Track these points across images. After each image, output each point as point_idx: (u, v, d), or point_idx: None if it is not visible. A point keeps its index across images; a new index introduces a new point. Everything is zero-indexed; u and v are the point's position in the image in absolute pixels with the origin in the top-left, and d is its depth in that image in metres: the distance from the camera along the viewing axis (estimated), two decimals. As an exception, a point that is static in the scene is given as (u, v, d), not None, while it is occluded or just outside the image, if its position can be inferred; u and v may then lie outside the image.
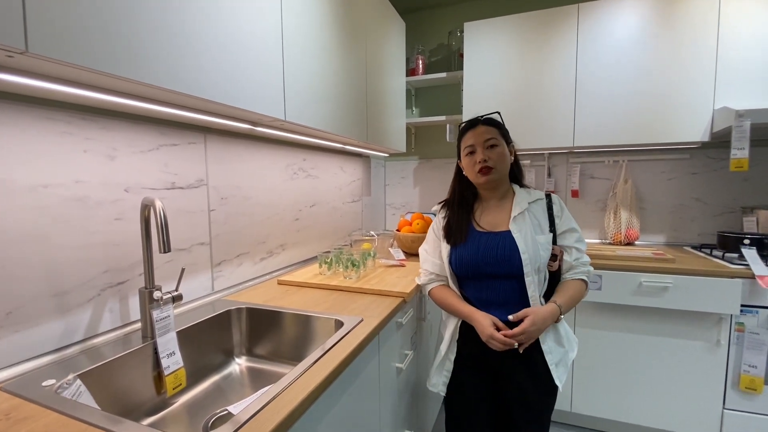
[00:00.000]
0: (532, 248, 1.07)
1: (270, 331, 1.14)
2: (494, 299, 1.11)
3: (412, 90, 2.67)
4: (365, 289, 1.30)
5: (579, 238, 1.15)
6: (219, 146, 1.27)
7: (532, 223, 1.12)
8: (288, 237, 1.66)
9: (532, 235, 1.09)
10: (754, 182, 2.05)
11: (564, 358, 1.15)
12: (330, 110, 1.42)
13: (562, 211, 1.16)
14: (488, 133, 1.13)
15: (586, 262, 1.15)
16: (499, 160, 1.12)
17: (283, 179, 1.61)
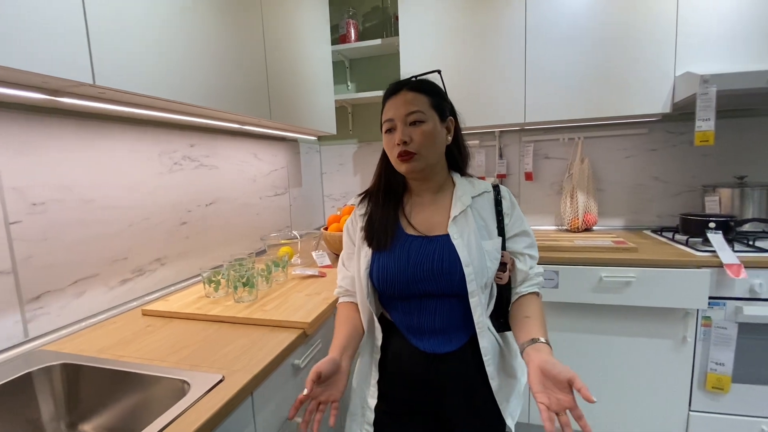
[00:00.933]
0: (477, 258, 0.79)
1: (97, 398, 0.78)
2: (429, 325, 0.82)
3: (346, 61, 2.30)
4: (254, 320, 0.97)
5: (532, 243, 0.89)
6: (15, 130, 0.87)
7: (477, 224, 0.83)
8: (170, 248, 1.28)
9: (477, 240, 0.81)
10: (715, 158, 1.88)
11: (516, 388, 0.88)
12: (200, 80, 1.04)
13: (513, 209, 0.88)
14: (412, 104, 0.81)
15: (540, 273, 0.89)
16: (425, 143, 0.80)
17: (156, 172, 1.22)
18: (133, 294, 1.15)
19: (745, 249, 1.45)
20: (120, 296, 1.11)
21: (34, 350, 0.87)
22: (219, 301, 1.10)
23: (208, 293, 1.14)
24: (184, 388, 0.70)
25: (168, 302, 1.11)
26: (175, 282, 1.30)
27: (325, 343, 1.13)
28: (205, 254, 1.43)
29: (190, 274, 1.37)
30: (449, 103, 0.88)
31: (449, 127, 0.86)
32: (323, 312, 1.00)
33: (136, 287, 1.16)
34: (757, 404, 1.41)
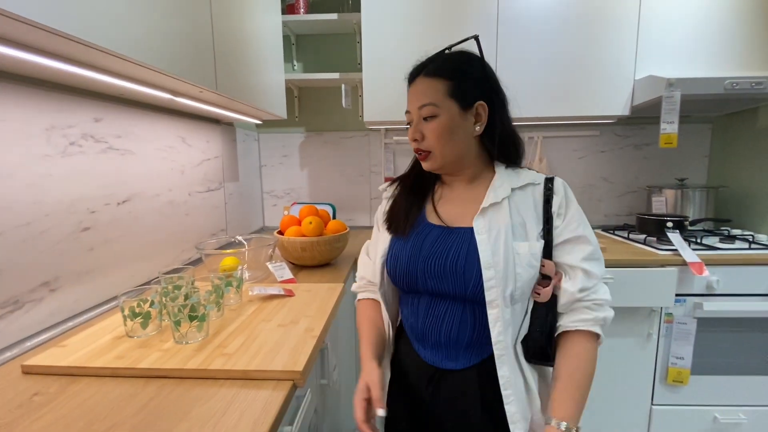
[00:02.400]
0: (503, 261, 0.65)
1: None
2: (433, 333, 0.71)
3: (292, 36, 1.99)
4: (213, 372, 0.67)
5: (592, 254, 0.68)
6: None
7: (513, 220, 0.68)
8: (65, 265, 0.88)
9: (507, 239, 0.67)
10: (654, 160, 2.01)
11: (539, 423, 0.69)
12: (126, 17, 0.69)
13: (568, 208, 0.70)
14: (425, 96, 0.71)
15: (601, 301, 0.67)
16: (438, 140, 0.71)
17: (40, 155, 0.82)
18: (5, 339, 0.75)
19: (698, 247, 1.53)
20: (-22, 347, 0.71)
21: None
22: (150, 343, 0.77)
23: (132, 331, 0.80)
24: None
25: (66, 349, 0.74)
26: (73, 315, 0.91)
27: (314, 391, 0.87)
28: (117, 271, 1.04)
29: (97, 300, 0.98)
30: (483, 82, 0.72)
31: (480, 113, 0.72)
32: (315, 351, 0.74)
33: (10, 329, 0.76)
34: (712, 394, 1.50)
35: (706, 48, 1.60)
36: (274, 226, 2.14)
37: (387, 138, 2.05)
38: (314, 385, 0.88)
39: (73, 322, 0.90)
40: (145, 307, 0.80)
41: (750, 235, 1.60)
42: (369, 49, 1.68)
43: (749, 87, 1.43)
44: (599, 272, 0.68)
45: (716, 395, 1.50)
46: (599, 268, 0.68)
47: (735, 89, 1.44)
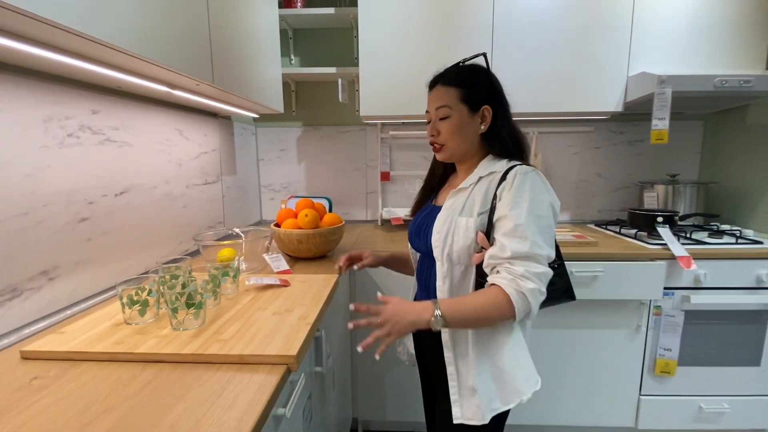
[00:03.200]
0: (445, 230, 0.87)
1: None
2: (419, 277, 1.01)
3: (289, 30, 1.99)
4: (210, 357, 0.69)
5: (510, 231, 0.77)
6: None
7: (467, 201, 0.87)
8: (63, 254, 0.90)
9: (453, 215, 0.87)
10: (647, 157, 2.03)
11: (485, 397, 0.83)
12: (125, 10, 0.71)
13: (509, 191, 0.80)
14: (442, 99, 0.89)
15: (515, 271, 0.75)
16: (451, 136, 0.89)
17: (38, 146, 0.84)
18: (3, 326, 0.77)
19: (686, 242, 1.56)
20: (-21, 333, 0.73)
21: None
22: (148, 330, 0.79)
23: (130, 318, 0.81)
24: (119, 499, 0.42)
25: (65, 336, 0.76)
26: (70, 304, 0.93)
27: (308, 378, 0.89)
28: (114, 262, 1.06)
29: (95, 290, 1.00)
30: (489, 90, 0.88)
31: (485, 116, 0.88)
32: (308, 337, 0.76)
33: (8, 316, 0.78)
34: (697, 385, 1.54)
35: (698, 46, 1.62)
36: (271, 219, 2.15)
37: (383, 132, 2.07)
38: (308, 372, 0.90)
39: (71, 311, 0.92)
40: (143, 296, 0.82)
41: (737, 230, 1.64)
42: (365, 44, 1.69)
43: (738, 85, 1.46)
44: (515, 248, 0.75)
45: (701, 386, 1.54)
46: (517, 245, 0.76)
47: (724, 87, 1.46)
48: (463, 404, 0.86)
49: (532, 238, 0.75)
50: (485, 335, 0.84)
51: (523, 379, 0.84)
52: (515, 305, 0.74)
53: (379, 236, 1.78)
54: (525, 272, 0.74)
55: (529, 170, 0.82)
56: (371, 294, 1.55)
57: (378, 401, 1.65)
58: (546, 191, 0.81)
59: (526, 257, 0.75)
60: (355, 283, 1.56)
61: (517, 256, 0.75)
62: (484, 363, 0.84)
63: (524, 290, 0.74)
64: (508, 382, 0.84)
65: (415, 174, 2.10)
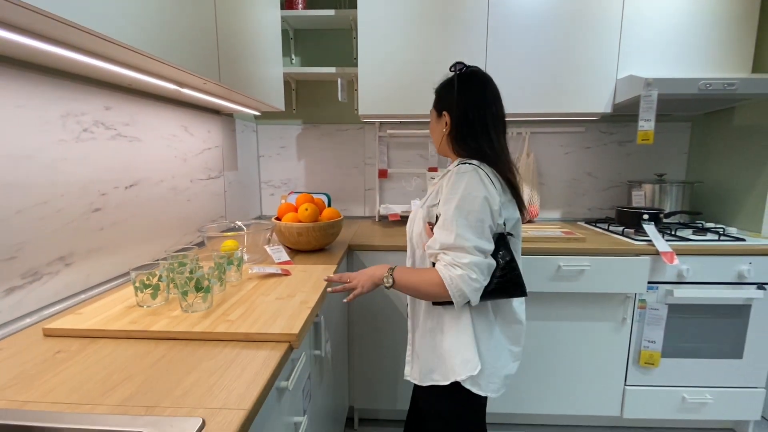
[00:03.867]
0: (411, 216, 1.06)
1: (-17, 475, 0.51)
2: None
3: (290, 31, 2.05)
4: (218, 335, 0.75)
5: (441, 224, 0.88)
6: None
7: (430, 196, 1.00)
8: (78, 242, 0.96)
9: (419, 205, 1.04)
10: (637, 157, 2.10)
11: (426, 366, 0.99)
12: (137, 11, 0.76)
13: (446, 188, 0.90)
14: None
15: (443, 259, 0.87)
16: (432, 135, 1.07)
17: (56, 140, 0.89)
18: (24, 307, 0.83)
19: (671, 238, 1.63)
20: (5, 311, 0.78)
21: None
22: (159, 311, 0.85)
23: (142, 301, 0.87)
24: (144, 447, 0.48)
25: (82, 316, 0.82)
26: (84, 288, 0.98)
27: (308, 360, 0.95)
28: (123, 251, 1.12)
29: (107, 276, 1.06)
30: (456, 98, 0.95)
31: (446, 122, 0.98)
32: (309, 319, 0.82)
33: (29, 298, 0.83)
34: (681, 376, 1.61)
35: (686, 49, 1.68)
36: (271, 214, 2.21)
37: (381, 131, 2.13)
38: (308, 354, 0.96)
39: (85, 295, 0.98)
40: (154, 280, 0.88)
41: (721, 228, 1.70)
42: (364, 45, 1.74)
43: (722, 88, 1.52)
44: (443, 239, 0.86)
45: (685, 377, 1.61)
46: (444, 237, 0.86)
47: (708, 90, 1.52)
48: (413, 365, 1.05)
49: (457, 231, 0.84)
50: (435, 317, 0.97)
51: (460, 362, 0.92)
52: (449, 289, 0.84)
53: (376, 231, 1.84)
54: (452, 261, 0.84)
55: (468, 168, 0.88)
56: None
57: (373, 390, 1.71)
58: (481, 187, 0.86)
59: (452, 248, 0.85)
60: (353, 275, 1.61)
61: (445, 247, 0.86)
62: (428, 339, 0.98)
63: (454, 276, 0.83)
64: (446, 361, 0.94)
65: (412, 171, 2.17)
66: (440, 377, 0.96)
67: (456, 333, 0.93)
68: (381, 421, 1.80)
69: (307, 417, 0.87)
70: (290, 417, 0.81)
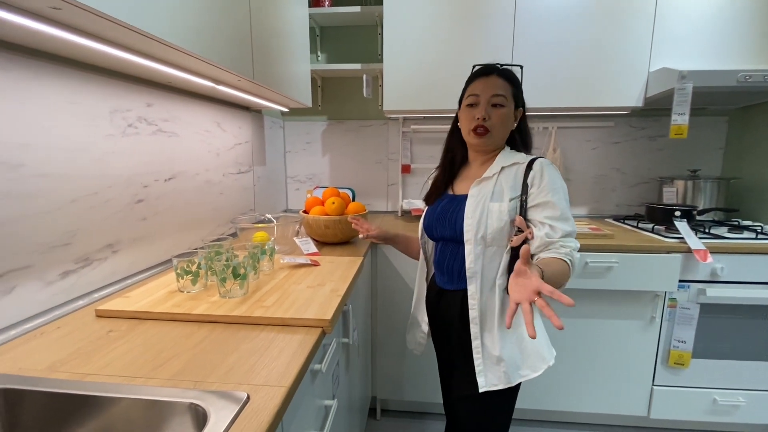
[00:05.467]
0: (479, 214, 0.94)
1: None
2: (440, 263, 1.05)
3: (317, 28, 2.09)
4: (255, 319, 0.79)
5: (555, 215, 0.90)
6: None
7: (495, 189, 0.96)
8: (124, 231, 1.02)
9: (485, 201, 0.95)
10: (668, 152, 2.04)
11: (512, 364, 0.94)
12: (183, 12, 0.81)
13: (541, 180, 0.92)
14: (500, 88, 0.97)
15: (568, 246, 0.88)
16: (500, 124, 0.97)
17: (104, 134, 0.95)
18: (78, 290, 0.89)
19: (705, 236, 1.58)
20: (61, 293, 0.85)
21: (-62, 373, 0.61)
22: (199, 297, 0.89)
23: (183, 287, 0.93)
24: (197, 415, 0.52)
25: (129, 299, 0.88)
26: (129, 274, 1.05)
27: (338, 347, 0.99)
28: (163, 240, 1.18)
29: (147, 264, 1.12)
30: (521, 95, 1.02)
31: (517, 116, 1.02)
32: (339, 307, 0.85)
33: (81, 281, 0.90)
34: (712, 377, 1.56)
35: (721, 41, 1.62)
36: (296, 208, 2.27)
37: (405, 126, 2.14)
38: (338, 342, 0.99)
39: (130, 280, 1.04)
40: (194, 268, 0.93)
41: (759, 226, 1.64)
42: (390, 41, 1.76)
43: (762, 80, 1.46)
44: (564, 228, 0.89)
45: (716, 378, 1.56)
46: (564, 226, 0.89)
47: (748, 82, 1.47)
48: (488, 373, 0.94)
49: (572, 219, 0.91)
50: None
51: (546, 347, 0.96)
52: (571, 272, 0.88)
53: (399, 226, 1.86)
54: (575, 246, 0.89)
55: (550, 162, 0.96)
56: (391, 278, 1.63)
57: (395, 382, 1.74)
58: (562, 178, 0.97)
59: (571, 234, 0.90)
60: (377, 266, 1.64)
61: (566, 234, 0.89)
62: (510, 335, 0.94)
63: (574, 259, 0.88)
64: (533, 352, 0.94)
65: (435, 167, 2.17)
66: (530, 370, 0.94)
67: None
68: (402, 413, 1.83)
69: (336, 401, 0.90)
70: (321, 400, 0.84)
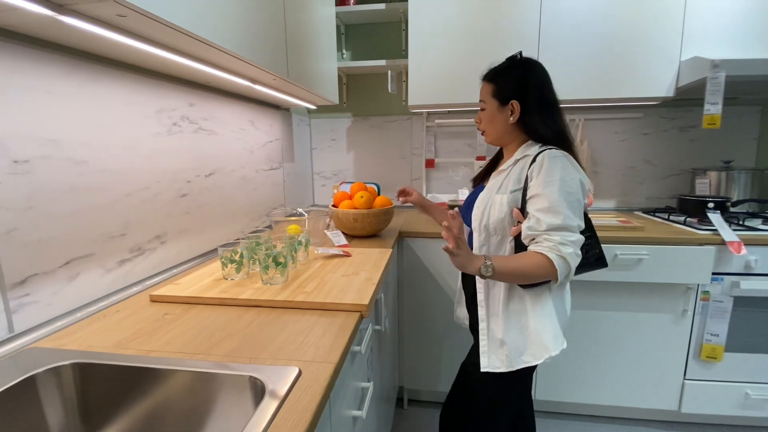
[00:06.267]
0: (484, 204, 1.01)
1: (126, 407, 0.63)
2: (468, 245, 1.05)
3: (342, 26, 2.13)
4: (298, 303, 0.84)
5: (544, 208, 0.88)
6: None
7: (503, 181, 1.01)
8: (170, 223, 1.09)
9: (492, 192, 1.02)
10: (700, 143, 1.99)
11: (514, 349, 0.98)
12: (228, 16, 0.86)
13: (539, 172, 0.92)
14: (481, 94, 1.06)
15: (552, 240, 0.87)
16: (487, 124, 1.06)
17: (153, 132, 1.02)
18: (133, 277, 0.96)
19: (738, 228, 1.54)
20: (119, 280, 0.92)
21: (23, 348, 0.68)
22: (243, 284, 0.95)
23: (228, 274, 0.99)
24: (255, 387, 0.57)
25: (179, 286, 0.94)
26: (176, 264, 1.12)
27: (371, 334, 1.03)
28: (205, 232, 1.25)
29: (190, 255, 1.19)
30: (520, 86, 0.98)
31: (512, 109, 0.99)
32: (374, 293, 0.89)
33: (135, 269, 0.97)
34: (745, 371, 1.53)
35: (754, 29, 1.57)
36: (323, 203, 2.32)
37: (429, 121, 2.16)
38: (372, 327, 1.04)
39: (177, 269, 1.11)
40: (237, 257, 0.98)
41: (797, 218, 1.59)
42: (414, 37, 1.78)
43: (800, 67, 1.41)
44: (549, 221, 0.87)
45: (750, 372, 1.53)
46: (550, 219, 0.87)
47: (785, 70, 1.42)
48: (491, 355, 1.01)
49: (564, 212, 0.87)
50: (517, 299, 0.98)
51: (551, 338, 0.95)
52: (557, 267, 0.85)
53: (423, 220, 1.89)
54: (562, 240, 0.86)
55: (558, 154, 0.92)
56: (418, 270, 1.67)
57: (422, 372, 1.77)
58: (575, 170, 0.92)
59: (560, 228, 0.87)
60: (403, 258, 1.68)
61: (552, 228, 0.87)
62: (513, 321, 0.98)
63: (564, 254, 0.86)
64: (537, 341, 0.96)
65: (459, 161, 2.19)
66: (531, 358, 0.96)
67: (541, 311, 0.95)
68: (429, 402, 1.86)
69: (372, 384, 0.94)
70: (359, 382, 0.89)
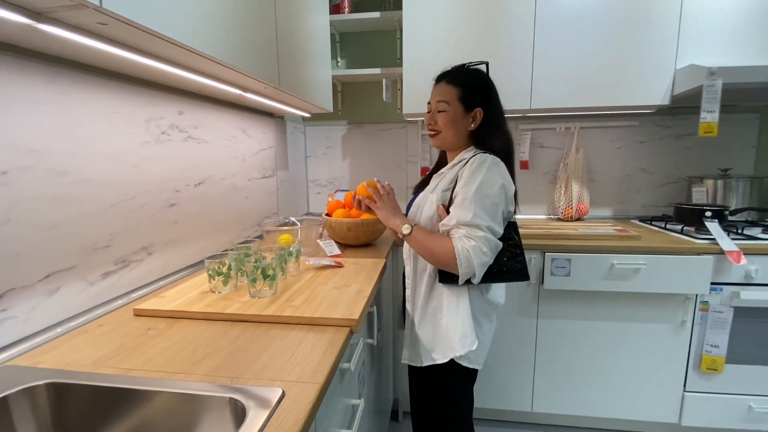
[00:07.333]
0: (419, 203, 1.07)
1: (103, 429, 0.60)
2: None
3: (336, 35, 2.12)
4: (286, 318, 0.81)
5: (459, 204, 0.93)
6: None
7: (440, 182, 1.04)
8: (158, 234, 1.06)
9: (427, 193, 1.06)
10: (697, 151, 1.98)
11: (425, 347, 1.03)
12: (214, 24, 0.84)
13: (466, 173, 0.96)
14: (442, 95, 1.04)
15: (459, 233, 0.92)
16: (445, 127, 1.03)
17: (141, 141, 1.00)
18: (117, 290, 0.93)
19: (737, 237, 1.52)
20: (102, 293, 0.89)
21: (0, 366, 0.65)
22: (231, 297, 0.92)
23: (215, 287, 0.96)
24: (236, 409, 0.54)
25: (165, 299, 0.91)
26: (163, 275, 1.09)
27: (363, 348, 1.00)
28: (194, 242, 1.22)
29: (178, 266, 1.16)
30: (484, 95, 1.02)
31: (476, 116, 1.02)
32: (365, 307, 0.87)
33: (120, 282, 0.94)
34: (747, 383, 1.50)
35: (751, 36, 1.57)
36: (317, 211, 2.30)
37: (423, 129, 2.15)
38: (363, 342, 1.01)
39: (164, 281, 1.08)
40: (224, 269, 0.96)
41: (796, 226, 1.57)
42: (409, 45, 1.78)
43: (796, 75, 1.41)
44: (459, 216, 0.92)
45: (752, 384, 1.50)
46: (461, 215, 0.92)
47: (781, 77, 1.42)
48: (410, 348, 1.07)
49: (475, 210, 0.91)
50: (436, 298, 1.01)
51: (459, 339, 0.96)
52: (458, 258, 0.89)
53: (420, 228, 1.86)
54: (467, 233, 0.90)
55: (487, 157, 0.96)
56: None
57: (418, 384, 1.73)
58: (499, 175, 0.95)
59: (468, 224, 0.91)
60: (398, 268, 1.65)
61: (462, 223, 0.91)
62: (430, 319, 1.02)
63: (467, 247, 0.88)
64: (445, 339, 0.98)
65: (455, 169, 2.17)
66: (439, 356, 1.00)
67: (455, 311, 0.97)
68: (425, 415, 1.82)
69: (363, 400, 0.91)
70: (349, 399, 0.86)
